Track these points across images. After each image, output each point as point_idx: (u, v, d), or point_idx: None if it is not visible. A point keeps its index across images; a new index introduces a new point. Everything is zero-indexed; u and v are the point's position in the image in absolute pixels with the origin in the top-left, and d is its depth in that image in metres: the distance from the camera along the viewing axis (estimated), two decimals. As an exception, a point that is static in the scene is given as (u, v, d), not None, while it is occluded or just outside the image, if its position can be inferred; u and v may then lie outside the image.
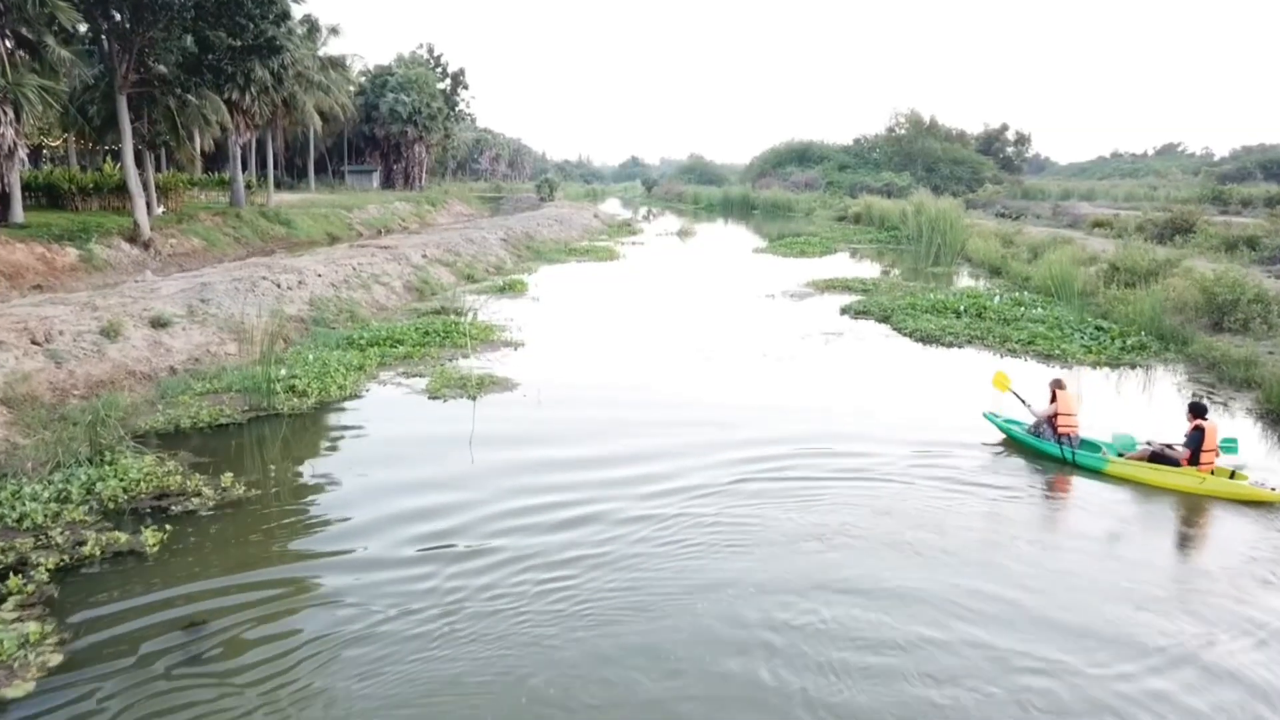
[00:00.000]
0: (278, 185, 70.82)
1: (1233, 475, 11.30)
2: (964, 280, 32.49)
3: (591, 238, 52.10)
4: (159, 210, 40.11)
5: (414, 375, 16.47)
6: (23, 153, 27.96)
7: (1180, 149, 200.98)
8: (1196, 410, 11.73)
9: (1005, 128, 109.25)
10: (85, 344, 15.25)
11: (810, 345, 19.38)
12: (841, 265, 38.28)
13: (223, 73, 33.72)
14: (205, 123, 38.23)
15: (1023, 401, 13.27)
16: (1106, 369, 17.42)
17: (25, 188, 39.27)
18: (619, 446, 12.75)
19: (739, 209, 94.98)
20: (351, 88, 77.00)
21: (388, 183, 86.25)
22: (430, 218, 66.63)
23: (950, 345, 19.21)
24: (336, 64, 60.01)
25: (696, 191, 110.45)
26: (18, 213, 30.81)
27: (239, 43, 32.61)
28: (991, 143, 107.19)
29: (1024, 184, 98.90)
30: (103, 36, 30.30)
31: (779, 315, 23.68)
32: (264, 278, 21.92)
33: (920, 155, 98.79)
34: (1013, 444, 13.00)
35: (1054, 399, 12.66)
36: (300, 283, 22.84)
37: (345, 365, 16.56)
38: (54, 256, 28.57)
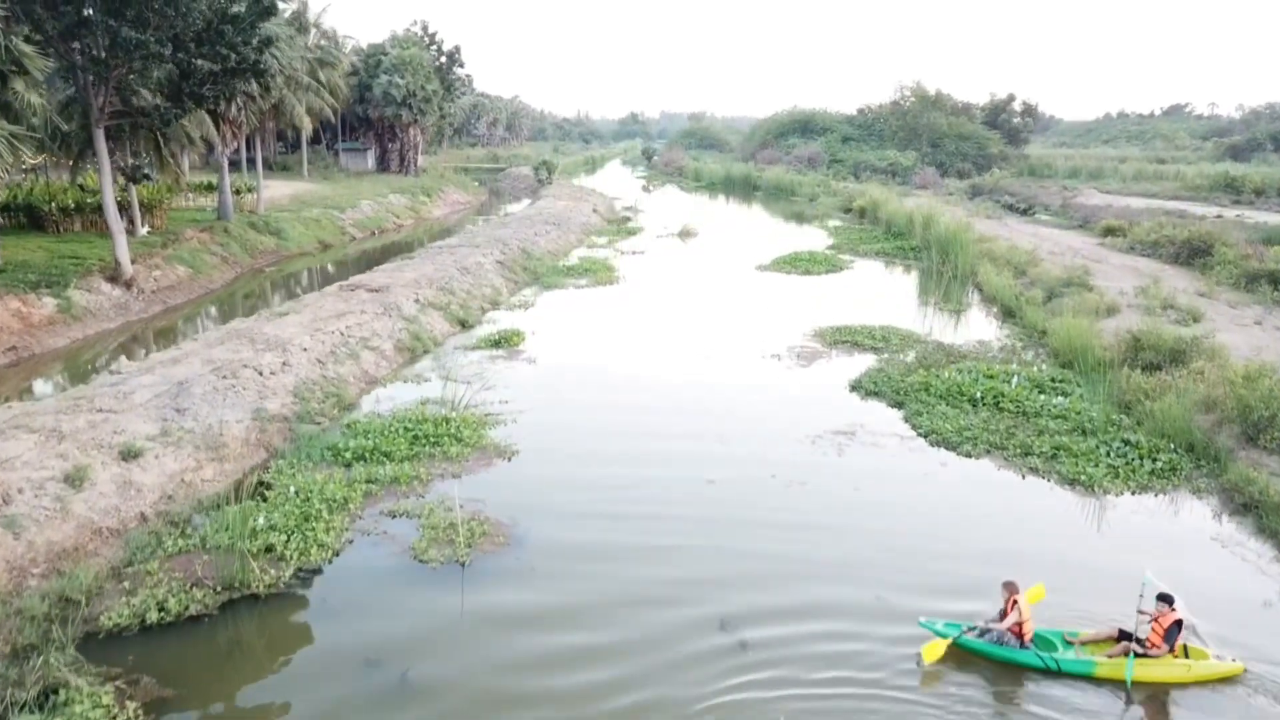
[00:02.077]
0: (269, 167, 69.29)
1: (1188, 652, 11.44)
2: (975, 321, 31.33)
3: (591, 242, 50.69)
4: (143, 231, 38.99)
5: (401, 515, 15.48)
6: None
7: (1187, 109, 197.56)
8: (1167, 600, 11.49)
9: (1011, 98, 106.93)
10: (47, 500, 14.26)
11: (821, 455, 18.34)
12: (848, 288, 37.05)
13: (205, 98, 32.15)
14: (190, 141, 36.77)
15: (975, 639, 11.75)
16: (1132, 494, 16.46)
17: (4, 209, 38.04)
18: (610, 636, 11.95)
19: (741, 188, 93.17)
20: (345, 67, 74.97)
21: (382, 164, 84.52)
22: (426, 211, 65.21)
23: (969, 455, 18.19)
24: (327, 63, 57.98)
25: (698, 167, 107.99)
26: (-8, 255, 29.55)
27: (221, 68, 31.02)
28: (998, 114, 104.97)
29: (1030, 159, 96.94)
30: (77, 70, 28.75)
31: (786, 395, 22.59)
32: (245, 365, 20.83)
33: (925, 130, 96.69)
34: (967, 653, 11.67)
35: (1013, 606, 11.62)
36: (284, 364, 21.76)
37: (329, 501, 15.59)
38: (30, 311, 27.46)
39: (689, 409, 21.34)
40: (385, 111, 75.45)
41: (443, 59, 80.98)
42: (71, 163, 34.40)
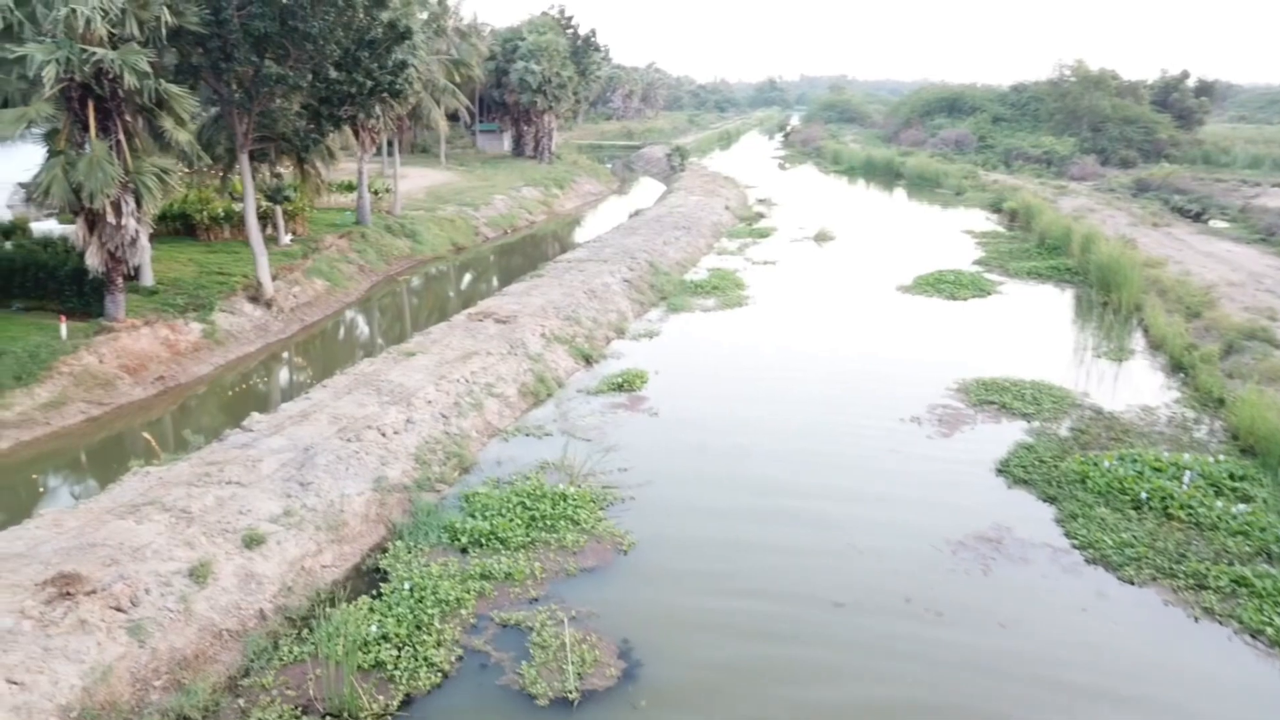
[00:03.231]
0: (410, 149, 70.34)
1: None
2: (1139, 373, 28.57)
3: (721, 247, 49.34)
4: (287, 239, 40.06)
5: (512, 625, 15.03)
6: (145, 240, 27.64)
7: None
8: None
9: (1185, 75, 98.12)
10: (172, 600, 14.46)
11: (964, 573, 16.78)
12: (996, 320, 34.58)
13: (343, 120, 32.57)
14: (330, 156, 37.40)
15: None
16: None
17: (160, 217, 39.77)
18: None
19: (882, 173, 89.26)
20: (482, 52, 75.47)
21: (517, 148, 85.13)
22: (557, 204, 65.21)
23: (1131, 581, 16.31)
24: (464, 62, 58.27)
25: (837, 149, 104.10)
26: (147, 277, 30.92)
27: (357, 91, 31.27)
28: (1168, 93, 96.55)
29: (1203, 145, 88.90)
30: (222, 102, 29.49)
31: (926, 474, 21.00)
32: (369, 425, 20.86)
33: (1086, 113, 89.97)
34: None
35: None
36: (408, 421, 21.72)
37: (442, 603, 15.31)
38: (177, 338, 28.52)
39: (816, 492, 20.09)
40: (521, 98, 75.70)
41: (579, 43, 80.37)
42: (220, 179, 35.54)
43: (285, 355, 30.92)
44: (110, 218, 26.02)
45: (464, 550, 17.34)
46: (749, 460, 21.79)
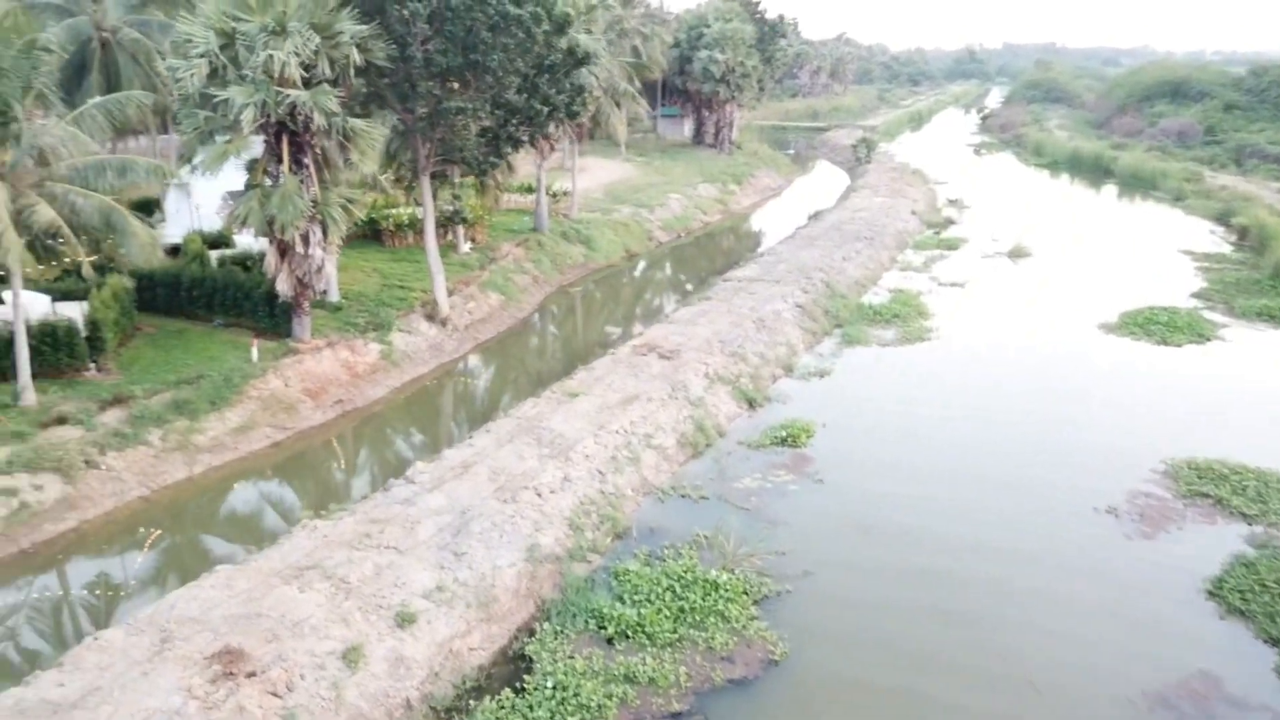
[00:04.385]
0: (591, 137, 70.41)
1: None
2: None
3: (905, 262, 46.63)
4: (466, 247, 40.94)
5: (651, 746, 14.48)
6: (331, 266, 28.76)
7: None
8: None
9: None
10: (324, 686, 14.75)
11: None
12: (1216, 375, 30.72)
13: (521, 142, 32.66)
14: (510, 169, 37.77)
15: None
16: None
17: (351, 223, 41.56)
18: None
19: (1090, 170, 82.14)
20: (666, 39, 74.71)
21: (698, 135, 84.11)
22: (734, 202, 63.89)
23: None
24: (644, 65, 57.64)
25: (1040, 139, 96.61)
26: (333, 292, 32.17)
27: (535, 114, 31.23)
28: None
29: None
30: (405, 130, 30.16)
31: (1119, 591, 18.74)
32: (526, 486, 20.77)
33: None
34: None
35: None
36: (565, 479, 21.50)
37: (583, 708, 14.93)
38: (356, 360, 29.57)
39: (990, 601, 18.35)
40: (703, 88, 74.49)
41: (765, 30, 78.02)
42: (403, 192, 36.61)
43: (455, 380, 31.54)
44: (299, 248, 27.16)
45: (610, 641, 16.90)
46: (917, 550, 20.20)
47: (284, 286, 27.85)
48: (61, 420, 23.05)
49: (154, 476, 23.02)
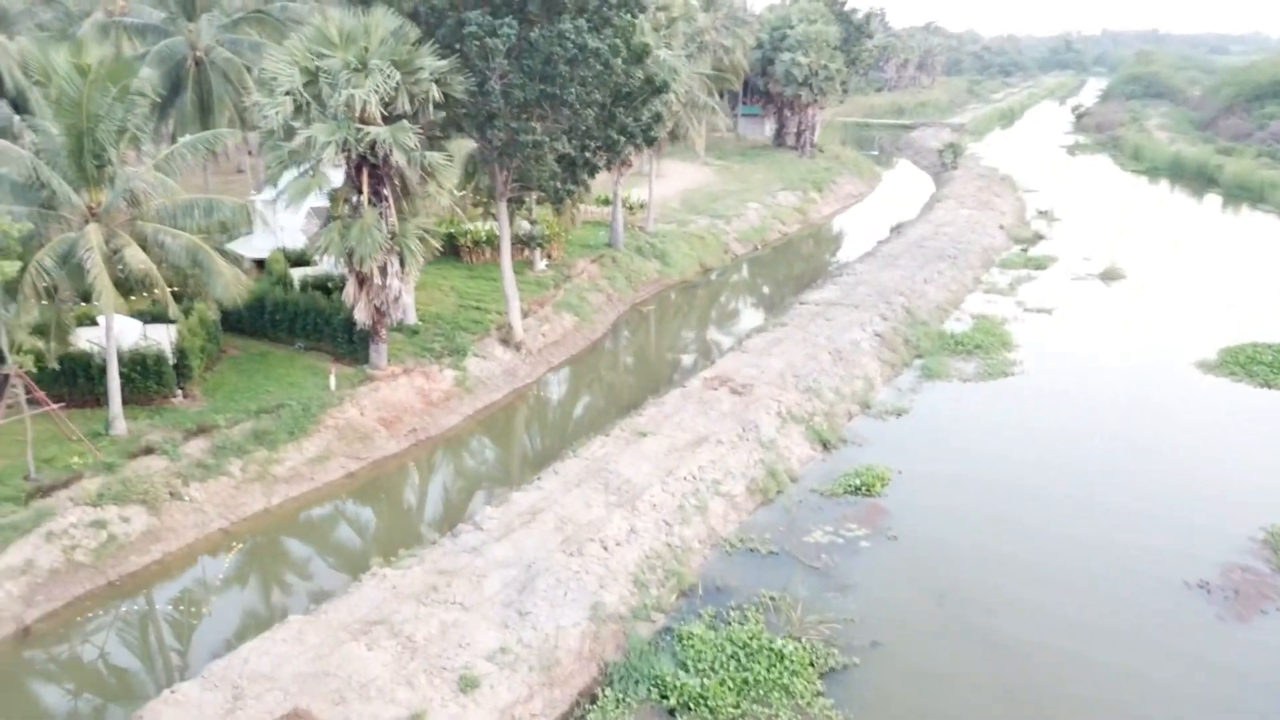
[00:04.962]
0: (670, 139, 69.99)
1: None
2: None
3: (989, 283, 45.10)
4: (542, 265, 41.04)
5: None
6: (408, 295, 29.12)
7: None
8: None
9: None
10: (387, 757, 14.93)
11: None
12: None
13: (597, 168, 32.54)
14: (586, 189, 37.69)
15: None
16: None
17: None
18: None
19: (1192, 177, 78.29)
20: (749, 41, 73.83)
21: (779, 137, 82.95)
22: (814, 210, 62.76)
23: None
24: (724, 76, 56.88)
25: (1138, 143, 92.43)
26: (410, 315, 32.56)
27: (612, 143, 31.05)
28: None
29: None
30: (483, 160, 30.31)
31: (1202, 693, 17.73)
32: (592, 538, 20.69)
33: None
34: None
35: None
36: (631, 531, 21.36)
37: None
38: (431, 387, 29.90)
39: (1068, 686, 17.55)
40: (785, 90, 73.28)
41: (851, 30, 76.24)
42: (481, 213, 36.86)
43: (527, 408, 31.64)
44: (377, 279, 27.53)
45: (672, 713, 16.72)
46: (994, 619, 19.49)
47: (362, 315, 28.28)
48: (148, 451, 23.83)
49: (234, 508, 23.65)
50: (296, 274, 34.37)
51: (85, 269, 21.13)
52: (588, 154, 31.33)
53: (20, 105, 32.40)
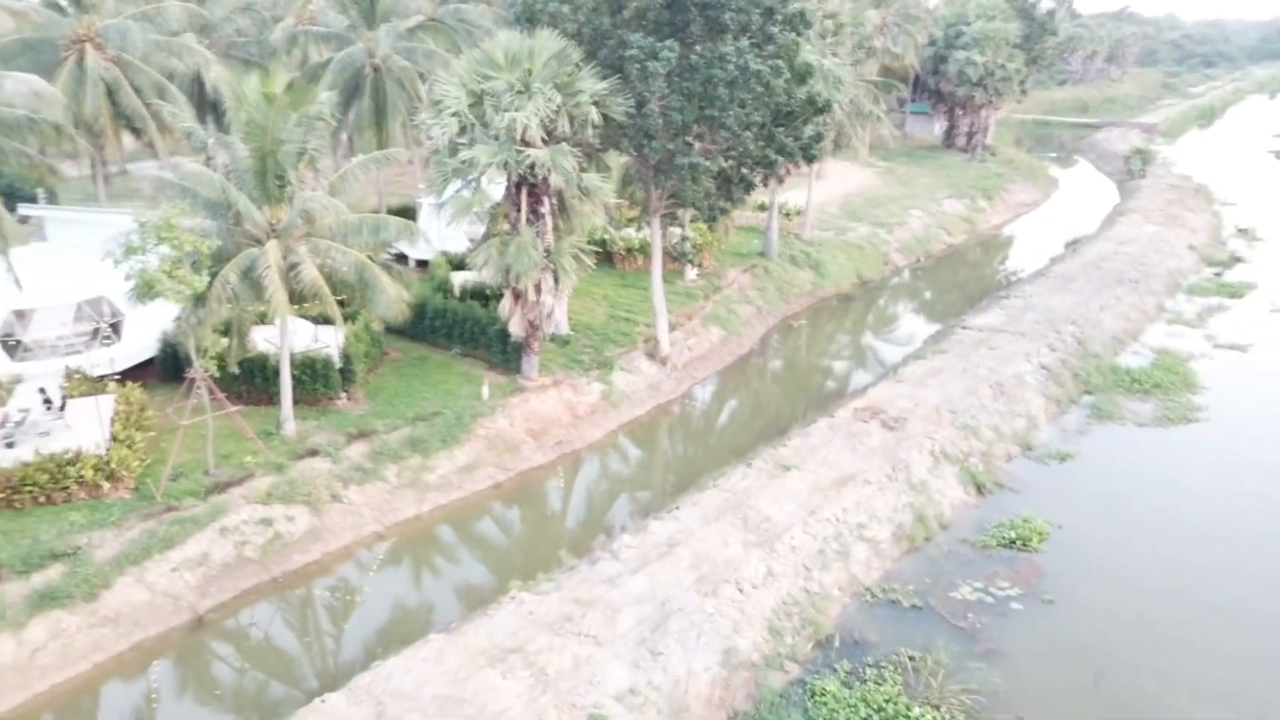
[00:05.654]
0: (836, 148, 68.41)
1: None
2: None
3: (1174, 312, 41.63)
4: (692, 274, 40.88)
5: None
6: (561, 310, 29.58)
7: None
8: None
9: None
10: (514, 794, 15.24)
11: None
12: None
13: (754, 186, 32.00)
14: (741, 203, 37.23)
15: None
16: None
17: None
18: None
19: None
20: (920, 40, 71.11)
21: (948, 138, 79.50)
22: (982, 220, 59.85)
23: None
24: (892, 85, 54.84)
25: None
26: (562, 324, 33.07)
27: (770, 162, 30.44)
28: None
29: None
30: (639, 179, 30.39)
31: None
32: (728, 579, 20.45)
33: None
34: None
35: None
36: (768, 573, 21.00)
37: None
38: (578, 400, 30.37)
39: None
40: (958, 91, 69.98)
41: (1033, 26, 71.79)
42: (635, 227, 37.03)
43: (669, 425, 31.59)
44: (531, 295, 28.10)
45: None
46: (1160, 705, 18.00)
47: (516, 328, 28.94)
48: (314, 453, 25.27)
49: (387, 512, 24.76)
50: (457, 278, 35.50)
51: (263, 284, 22.52)
52: (744, 170, 30.84)
53: (222, 123, 35.04)
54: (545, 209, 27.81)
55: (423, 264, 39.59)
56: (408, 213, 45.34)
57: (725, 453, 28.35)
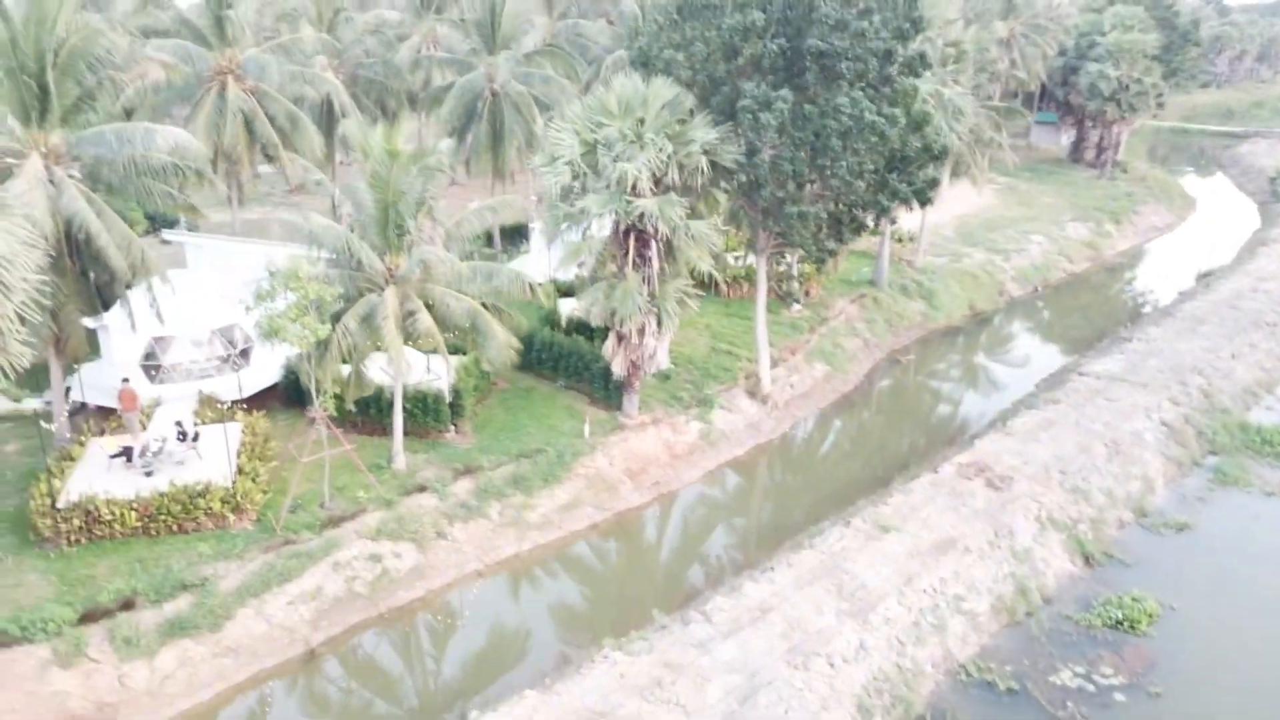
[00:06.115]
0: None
1: None
2: None
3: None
4: (797, 306, 40.57)
5: None
6: (663, 351, 29.87)
7: None
8: None
9: None
10: None
11: None
12: None
13: (863, 227, 31.57)
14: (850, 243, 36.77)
15: None
16: None
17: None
18: None
19: None
20: (1050, 49, 68.45)
21: (1076, 151, 76.31)
22: (1107, 246, 57.22)
23: None
24: (1016, 111, 52.83)
25: None
26: (663, 358, 33.22)
27: (882, 207, 29.99)
28: None
29: None
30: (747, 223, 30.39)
31: None
32: (818, 652, 20.41)
33: None
34: None
35: None
36: (860, 646, 20.85)
37: None
38: (676, 439, 30.71)
39: None
40: (1089, 105, 66.95)
41: (1174, 37, 67.98)
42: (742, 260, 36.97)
43: (767, 468, 31.53)
44: (634, 338, 28.47)
45: None
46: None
47: (618, 368, 29.39)
48: (421, 489, 26.33)
49: (489, 550, 25.60)
50: (565, 306, 36.20)
51: (381, 330, 23.59)
52: (855, 213, 30.47)
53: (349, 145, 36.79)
54: (652, 252, 28.10)
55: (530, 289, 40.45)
56: (520, 231, 46.60)
57: (823, 501, 28.20)
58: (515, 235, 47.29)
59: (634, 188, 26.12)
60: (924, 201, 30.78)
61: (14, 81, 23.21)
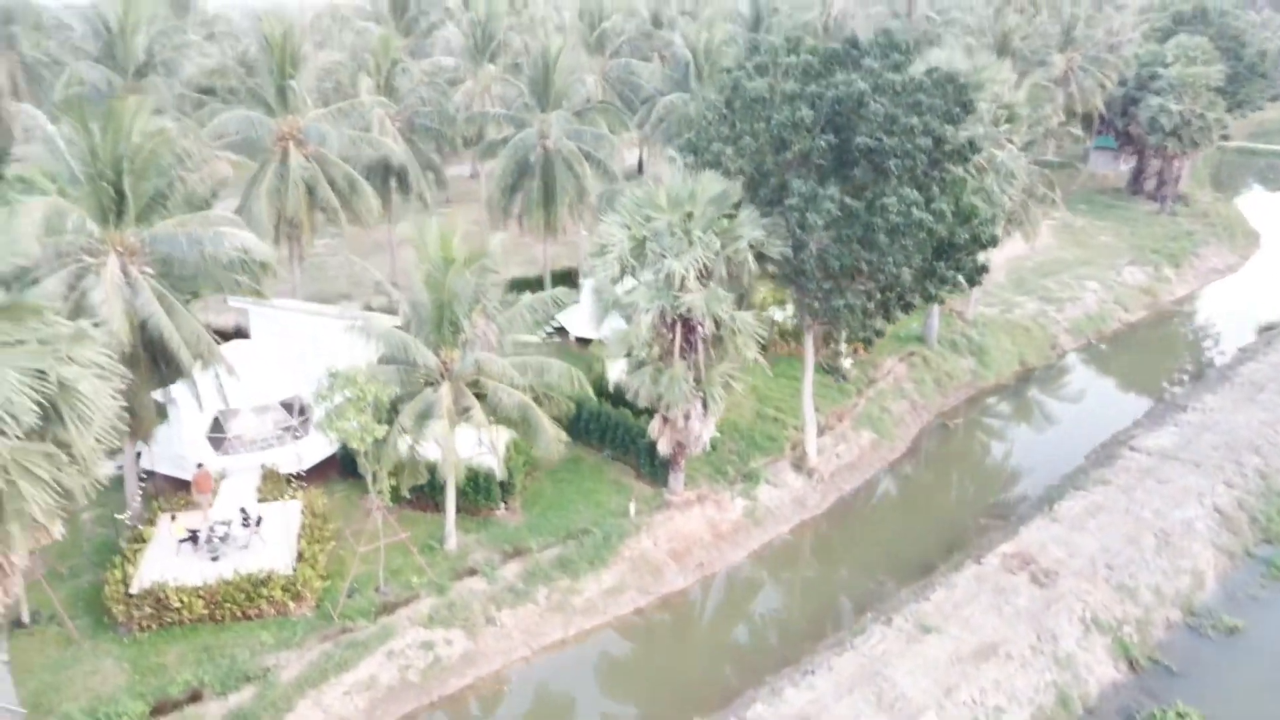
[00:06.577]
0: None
1: None
2: None
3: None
4: (847, 363, 40.59)
5: None
6: (708, 433, 30.30)
7: None
8: None
9: None
10: None
11: None
12: None
13: (911, 306, 31.61)
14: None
15: None
16: None
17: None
18: None
19: None
20: (1108, 85, 67.20)
21: (1135, 182, 74.65)
22: (1165, 292, 56.04)
23: None
24: (1069, 164, 51.92)
25: None
26: (707, 438, 33.45)
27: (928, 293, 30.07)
28: None
29: None
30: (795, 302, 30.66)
31: None
32: (856, 770, 20.79)
33: None
34: None
35: None
36: (897, 763, 21.15)
37: None
38: (720, 518, 31.22)
39: None
40: (1149, 139, 65.55)
41: (1240, 68, 66.18)
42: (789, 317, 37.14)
43: (811, 548, 31.60)
44: (680, 423, 28.96)
45: None
46: None
47: (664, 448, 29.91)
48: (472, 572, 27.19)
49: (536, 636, 26.33)
50: (614, 369, 36.68)
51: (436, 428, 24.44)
52: (904, 296, 30.55)
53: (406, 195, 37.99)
54: (697, 338, 28.56)
55: (584, 341, 41.15)
56: (571, 277, 47.20)
57: (866, 589, 28.43)
58: (566, 280, 47.99)
59: (682, 282, 26.59)
60: (973, 284, 30.75)
61: (93, 186, 24.43)
